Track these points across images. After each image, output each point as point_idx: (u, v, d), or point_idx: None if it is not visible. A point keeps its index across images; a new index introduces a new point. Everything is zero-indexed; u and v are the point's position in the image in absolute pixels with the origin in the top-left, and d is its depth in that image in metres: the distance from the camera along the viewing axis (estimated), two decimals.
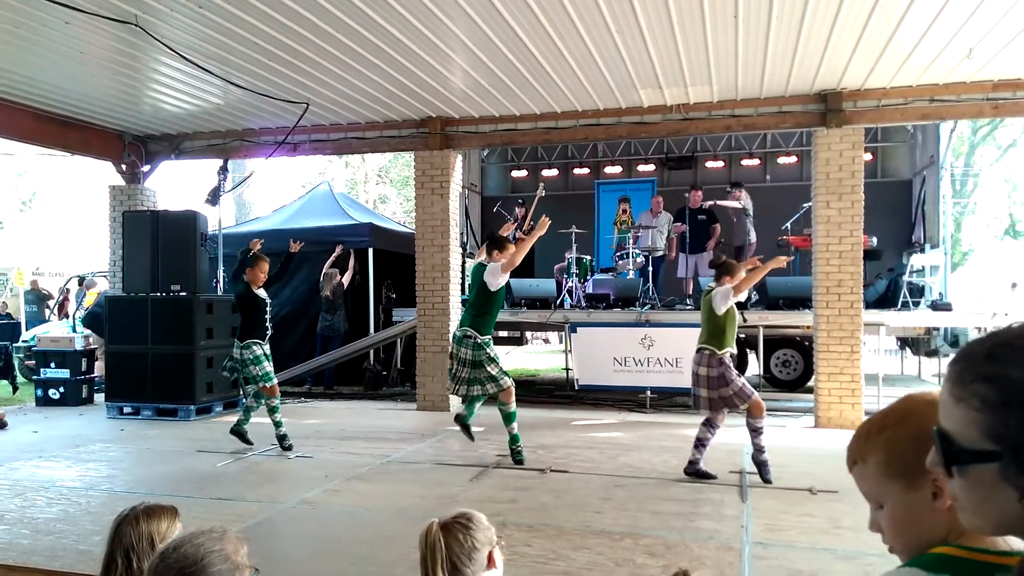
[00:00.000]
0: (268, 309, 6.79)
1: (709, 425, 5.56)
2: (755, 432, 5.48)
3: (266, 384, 6.60)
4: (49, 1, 5.40)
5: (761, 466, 5.49)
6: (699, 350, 5.58)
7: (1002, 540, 1.02)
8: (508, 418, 6.05)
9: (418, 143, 9.29)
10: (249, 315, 6.72)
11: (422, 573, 1.72)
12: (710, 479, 5.51)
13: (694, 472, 5.55)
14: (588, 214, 13.92)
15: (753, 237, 11.06)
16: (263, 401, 6.71)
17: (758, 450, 5.50)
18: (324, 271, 11.26)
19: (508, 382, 5.97)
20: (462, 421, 6.12)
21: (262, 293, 6.78)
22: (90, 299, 11.62)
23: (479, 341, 5.97)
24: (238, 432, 6.69)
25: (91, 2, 5.56)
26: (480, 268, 6.14)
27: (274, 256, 7.19)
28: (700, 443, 5.59)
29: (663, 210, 11.43)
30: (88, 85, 7.85)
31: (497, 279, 5.97)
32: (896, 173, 13.54)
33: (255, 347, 6.60)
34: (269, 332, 6.78)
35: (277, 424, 6.66)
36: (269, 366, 6.66)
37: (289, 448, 6.61)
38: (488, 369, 5.94)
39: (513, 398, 6.01)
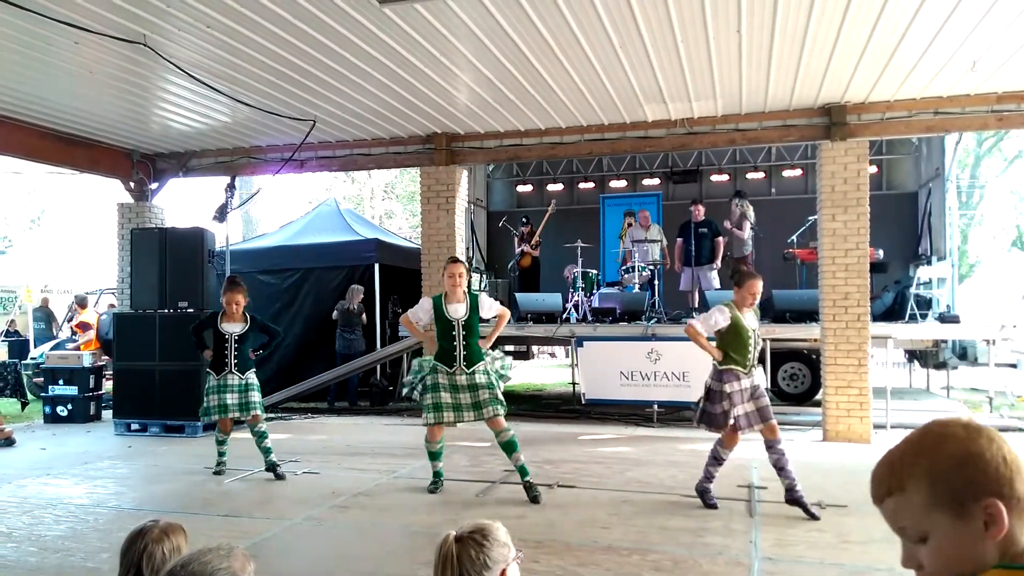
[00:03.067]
0: (230, 342, 6.45)
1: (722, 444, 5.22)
2: (777, 463, 5.06)
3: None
4: (58, 22, 5.47)
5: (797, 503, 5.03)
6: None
7: None
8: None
9: (424, 159, 9.34)
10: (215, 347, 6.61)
11: None
12: (711, 507, 5.17)
13: (700, 492, 5.27)
14: (594, 228, 13.95)
15: (748, 248, 11.10)
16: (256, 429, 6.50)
17: (788, 486, 5.05)
18: (352, 286, 11.27)
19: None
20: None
21: (228, 327, 6.46)
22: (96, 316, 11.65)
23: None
24: (271, 468, 6.36)
25: (100, 22, 5.62)
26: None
27: (277, 273, 7.14)
28: (713, 460, 5.24)
29: (652, 223, 11.48)
30: (97, 104, 7.92)
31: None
32: (901, 185, 13.53)
33: (209, 378, 6.51)
34: (229, 365, 6.42)
35: (220, 453, 6.51)
36: (215, 399, 6.38)
37: (219, 473, 6.40)
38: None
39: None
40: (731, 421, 5.07)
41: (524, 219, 12.37)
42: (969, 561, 1.00)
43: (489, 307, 5.76)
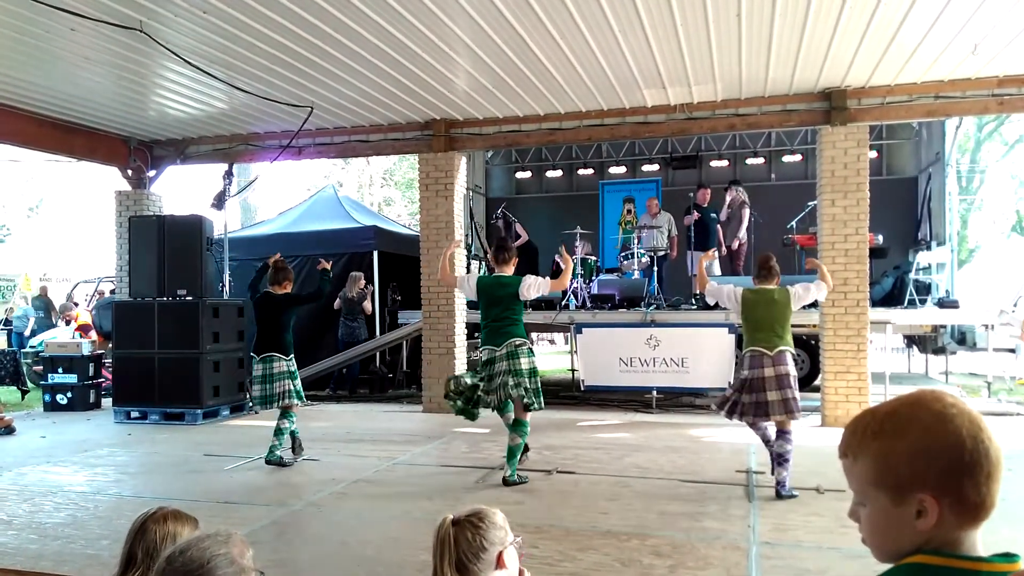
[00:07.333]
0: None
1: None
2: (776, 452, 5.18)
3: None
4: (55, 8, 5.43)
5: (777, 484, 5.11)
6: None
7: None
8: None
9: (422, 145, 9.30)
10: None
11: (433, 566, 1.75)
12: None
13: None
14: (593, 215, 13.92)
15: (743, 236, 11.10)
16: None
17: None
18: (351, 274, 11.24)
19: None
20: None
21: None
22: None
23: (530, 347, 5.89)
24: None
25: (96, 9, 5.58)
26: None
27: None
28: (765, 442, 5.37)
29: (661, 210, 11.47)
30: (93, 91, 7.88)
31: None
32: (901, 170, 13.49)
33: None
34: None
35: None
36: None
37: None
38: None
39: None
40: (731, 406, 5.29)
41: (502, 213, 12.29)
42: (892, 540, 1.04)
43: None
